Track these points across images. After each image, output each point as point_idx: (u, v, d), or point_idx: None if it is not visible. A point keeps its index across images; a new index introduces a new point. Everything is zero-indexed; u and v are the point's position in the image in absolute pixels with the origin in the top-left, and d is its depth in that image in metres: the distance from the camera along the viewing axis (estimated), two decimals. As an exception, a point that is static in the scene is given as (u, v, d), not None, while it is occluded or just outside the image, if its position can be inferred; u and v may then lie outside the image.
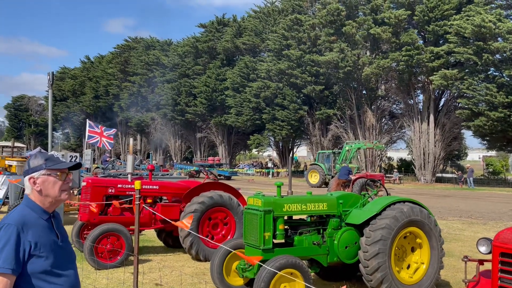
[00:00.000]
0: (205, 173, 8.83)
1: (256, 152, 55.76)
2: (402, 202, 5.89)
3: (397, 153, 66.70)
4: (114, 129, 15.06)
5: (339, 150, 32.85)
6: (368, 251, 5.47)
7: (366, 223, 5.65)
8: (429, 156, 35.12)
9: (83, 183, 7.26)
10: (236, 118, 44.70)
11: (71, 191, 9.61)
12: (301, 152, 59.93)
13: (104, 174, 14.70)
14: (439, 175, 39.24)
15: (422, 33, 35.11)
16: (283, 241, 5.49)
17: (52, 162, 2.22)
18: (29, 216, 2.13)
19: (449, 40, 31.55)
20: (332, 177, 29.43)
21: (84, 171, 14.09)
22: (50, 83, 7.65)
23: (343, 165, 23.52)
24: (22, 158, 22.87)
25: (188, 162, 49.06)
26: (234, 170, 41.82)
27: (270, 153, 62.62)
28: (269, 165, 48.04)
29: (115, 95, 62.40)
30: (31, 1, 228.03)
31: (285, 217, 5.71)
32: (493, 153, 54.61)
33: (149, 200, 7.55)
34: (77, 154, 8.26)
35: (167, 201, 8.02)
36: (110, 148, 16.89)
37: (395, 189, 27.92)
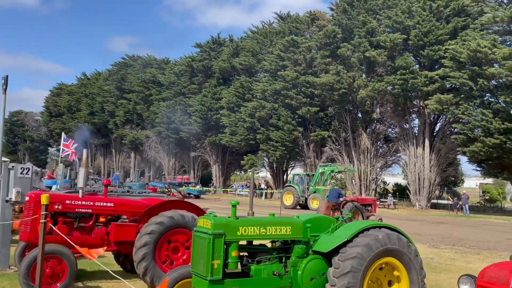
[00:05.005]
0: (168, 189, 8.09)
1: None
2: (377, 228, 5.18)
3: (394, 178, 66.03)
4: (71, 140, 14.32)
5: (313, 173, 33.18)
6: (336, 285, 4.74)
7: (336, 251, 4.93)
8: (424, 181, 34.42)
9: (26, 198, 6.53)
10: (230, 137, 44.17)
11: (16, 206, 8.79)
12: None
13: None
14: (435, 201, 38.49)
15: (417, 58, 34.92)
16: (238, 270, 4.74)
17: None
18: None
19: (444, 64, 31.32)
20: (306, 199, 29.54)
21: (58, 190, 13.31)
22: (4, 88, 7.06)
23: (333, 187, 23.01)
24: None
25: (159, 180, 48.59)
26: (203, 189, 41.32)
27: (264, 174, 61.99)
28: (262, 186, 47.74)
29: (110, 112, 61.98)
30: (39, 20, 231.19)
31: (245, 242, 5.00)
32: (490, 180, 53.88)
33: (102, 219, 6.80)
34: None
35: (126, 220, 7.28)
36: (77, 161, 16.28)
37: (388, 214, 27.11)
